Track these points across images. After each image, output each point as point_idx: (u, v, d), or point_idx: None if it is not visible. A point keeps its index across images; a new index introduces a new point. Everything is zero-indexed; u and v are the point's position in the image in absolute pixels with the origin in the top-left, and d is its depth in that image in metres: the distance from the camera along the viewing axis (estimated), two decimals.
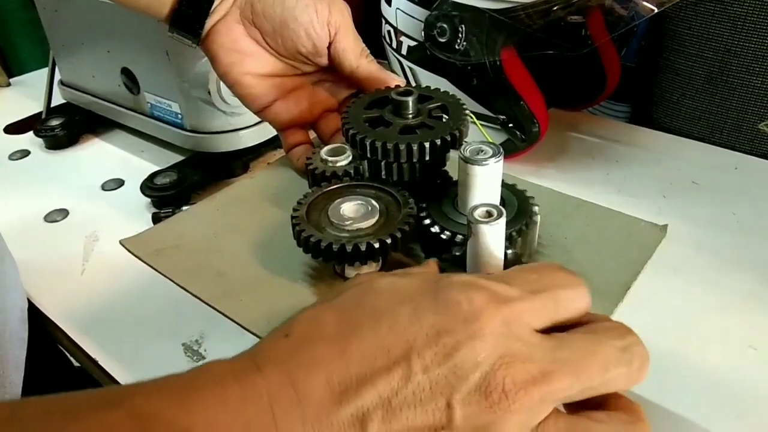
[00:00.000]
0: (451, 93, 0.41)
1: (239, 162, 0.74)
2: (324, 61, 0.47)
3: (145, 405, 0.21)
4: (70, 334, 0.54)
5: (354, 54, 0.46)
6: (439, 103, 0.40)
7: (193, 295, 0.38)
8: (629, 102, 0.85)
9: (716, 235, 0.58)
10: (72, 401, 0.22)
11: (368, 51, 0.48)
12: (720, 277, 0.53)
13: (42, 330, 0.57)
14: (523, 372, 0.22)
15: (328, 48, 0.47)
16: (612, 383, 0.24)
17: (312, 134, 0.51)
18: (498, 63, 0.63)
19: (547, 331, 0.24)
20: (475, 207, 0.31)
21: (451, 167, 0.40)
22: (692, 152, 0.71)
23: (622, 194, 0.65)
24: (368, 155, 0.38)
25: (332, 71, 0.49)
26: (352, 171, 0.42)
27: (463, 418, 0.21)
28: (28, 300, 0.57)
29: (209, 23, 0.46)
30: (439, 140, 0.37)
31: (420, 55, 0.70)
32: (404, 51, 0.73)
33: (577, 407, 0.24)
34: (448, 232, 0.35)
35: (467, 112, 0.39)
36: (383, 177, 0.40)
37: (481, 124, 0.72)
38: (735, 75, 0.69)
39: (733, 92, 0.70)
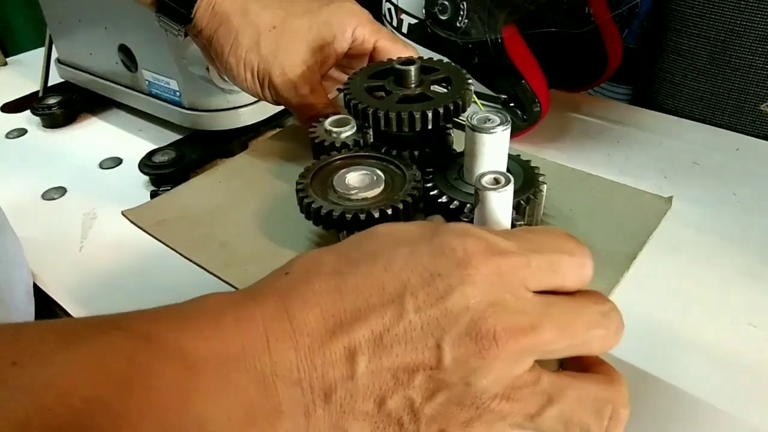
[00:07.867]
0: (455, 66, 0.41)
1: (237, 140, 0.74)
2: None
3: (142, 328, 0.22)
4: (68, 310, 0.53)
5: None
6: (442, 75, 0.40)
7: (198, 265, 0.38)
8: (630, 84, 0.84)
9: (717, 215, 0.58)
10: (72, 325, 0.22)
11: None
12: (721, 257, 0.53)
13: (49, 308, 0.56)
14: (513, 321, 0.22)
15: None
16: (591, 343, 0.24)
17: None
18: (500, 41, 0.63)
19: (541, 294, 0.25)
20: (483, 174, 0.31)
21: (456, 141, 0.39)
22: (693, 133, 0.70)
23: (623, 175, 0.64)
24: (364, 123, 0.38)
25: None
26: (352, 142, 0.42)
27: (452, 360, 0.22)
28: None
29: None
30: (436, 110, 0.36)
31: (421, 34, 0.70)
32: (405, 29, 0.72)
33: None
34: (456, 202, 0.35)
35: (470, 84, 0.39)
36: (387, 147, 0.40)
37: (482, 103, 0.71)
38: (737, 56, 0.68)
39: (736, 73, 0.69)
